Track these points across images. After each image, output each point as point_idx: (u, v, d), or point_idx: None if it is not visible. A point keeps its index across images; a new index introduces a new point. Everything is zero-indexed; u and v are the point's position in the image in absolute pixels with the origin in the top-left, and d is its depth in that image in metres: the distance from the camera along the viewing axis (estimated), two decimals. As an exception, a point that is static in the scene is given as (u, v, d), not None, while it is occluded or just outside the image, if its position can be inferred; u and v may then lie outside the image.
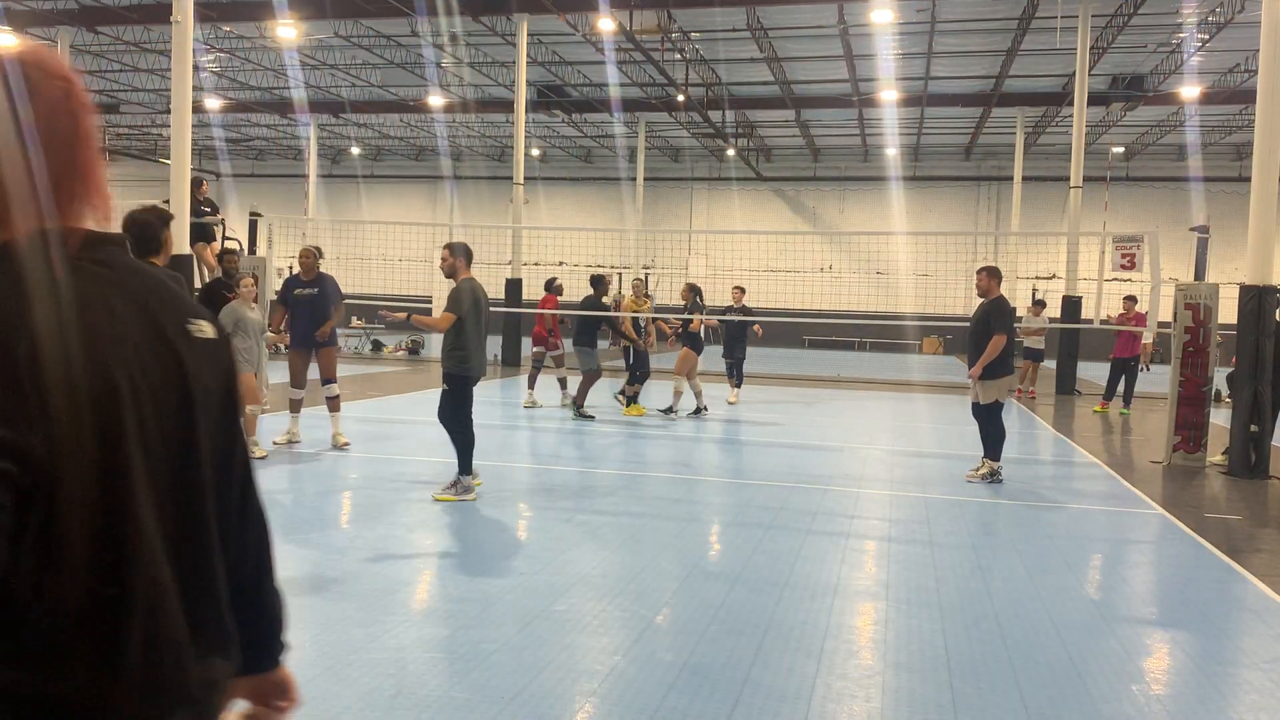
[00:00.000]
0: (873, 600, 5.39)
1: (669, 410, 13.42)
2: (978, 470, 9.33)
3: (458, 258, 7.54)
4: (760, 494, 8.37)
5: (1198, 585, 6.00)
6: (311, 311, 9.64)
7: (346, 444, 9.69)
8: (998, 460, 9.26)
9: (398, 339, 27.39)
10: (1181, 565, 6.51)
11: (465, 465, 7.52)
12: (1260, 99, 10.41)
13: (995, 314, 9.02)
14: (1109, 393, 16.34)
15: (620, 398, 13.58)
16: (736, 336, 15.10)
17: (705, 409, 13.50)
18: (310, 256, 9.84)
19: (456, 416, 7.48)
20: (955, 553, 6.51)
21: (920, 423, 14.33)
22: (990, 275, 9.23)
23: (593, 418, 12.80)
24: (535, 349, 14.48)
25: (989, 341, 8.88)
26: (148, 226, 5.59)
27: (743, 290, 15.42)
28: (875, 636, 4.80)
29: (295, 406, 9.84)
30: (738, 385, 15.59)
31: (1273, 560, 6.70)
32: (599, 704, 3.86)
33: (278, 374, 11.37)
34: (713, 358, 16.40)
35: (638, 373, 13.68)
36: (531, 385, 14.09)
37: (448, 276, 7.63)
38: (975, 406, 9.29)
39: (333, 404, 9.83)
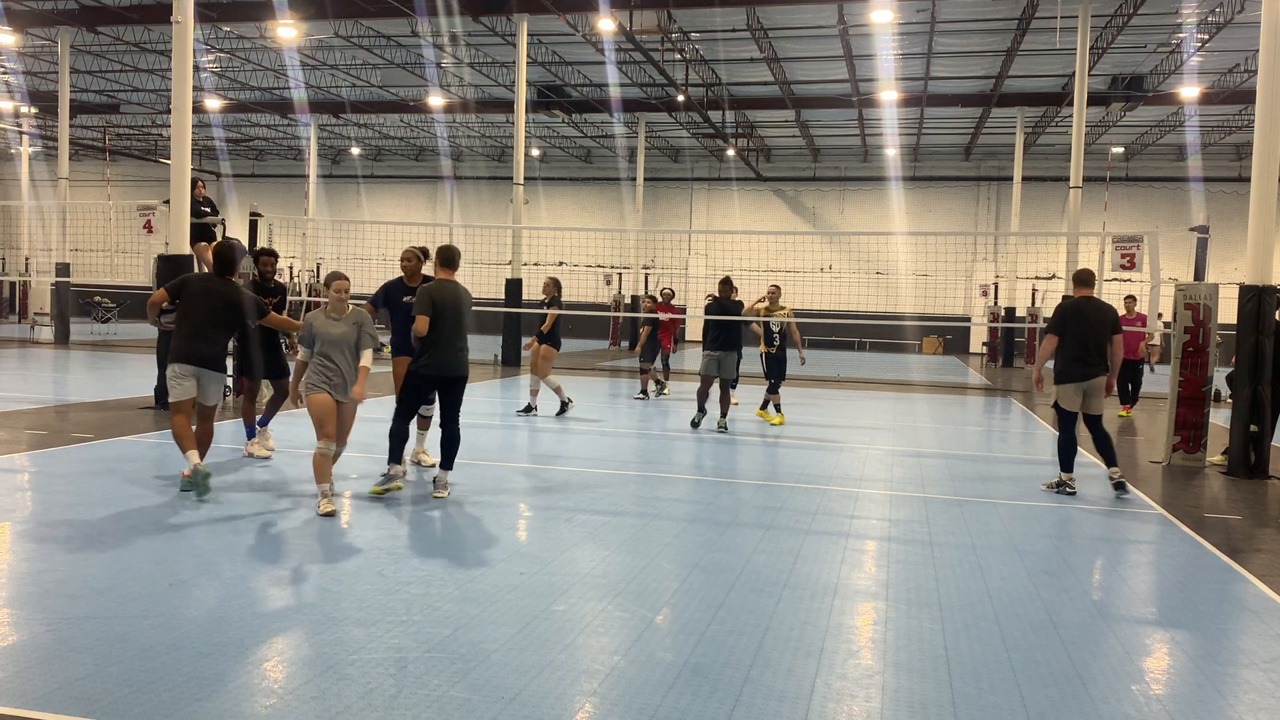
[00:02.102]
0: (873, 600, 5.39)
1: (527, 410, 13.13)
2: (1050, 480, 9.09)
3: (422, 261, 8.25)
4: (760, 494, 8.37)
5: (1198, 585, 6.00)
6: None
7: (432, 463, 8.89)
8: (1063, 470, 8.83)
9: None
10: (1181, 565, 6.52)
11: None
12: (1260, 99, 10.41)
13: (1054, 313, 8.84)
14: (1122, 394, 16.09)
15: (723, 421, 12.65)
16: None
17: (570, 401, 13.30)
18: (414, 260, 8.83)
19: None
20: (955, 553, 6.51)
21: (920, 423, 14.33)
22: (1074, 281, 8.92)
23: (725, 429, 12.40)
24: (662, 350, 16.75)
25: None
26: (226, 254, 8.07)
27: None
28: (875, 636, 4.80)
29: (422, 423, 9.03)
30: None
31: (1273, 560, 6.70)
32: (599, 704, 3.86)
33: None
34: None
35: (774, 381, 13.53)
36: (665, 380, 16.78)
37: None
38: None
39: (423, 421, 9.08)
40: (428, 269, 8.86)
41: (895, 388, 20.76)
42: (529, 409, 13.19)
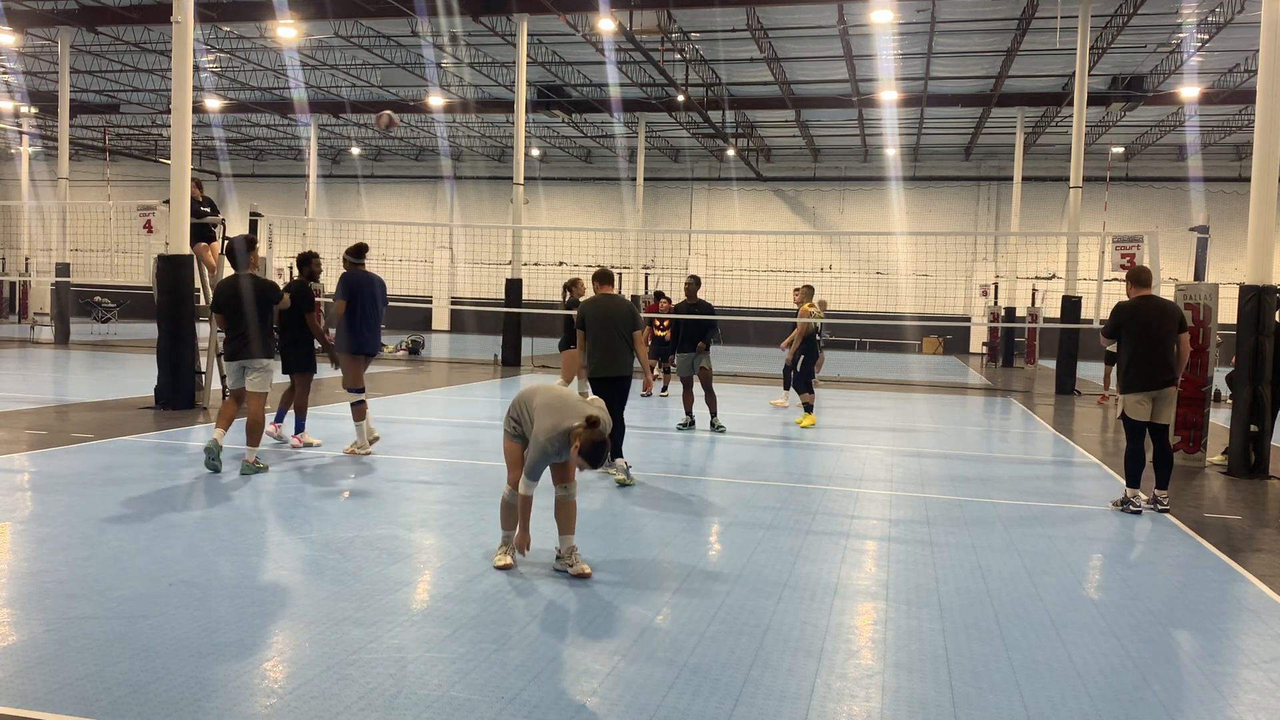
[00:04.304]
0: (873, 600, 5.39)
1: None
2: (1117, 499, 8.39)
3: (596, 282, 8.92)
4: (760, 494, 8.37)
5: (1198, 585, 6.00)
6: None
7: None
8: (1130, 485, 8.18)
9: (398, 339, 27.37)
10: (1181, 565, 6.51)
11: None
12: (1260, 99, 10.41)
13: (1110, 315, 8.31)
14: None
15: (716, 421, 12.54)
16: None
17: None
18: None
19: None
20: (955, 553, 6.51)
21: (920, 423, 14.33)
22: (1130, 280, 8.38)
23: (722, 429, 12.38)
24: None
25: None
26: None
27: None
28: (875, 636, 4.80)
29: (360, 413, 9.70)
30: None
31: (1273, 560, 6.70)
32: (599, 704, 3.86)
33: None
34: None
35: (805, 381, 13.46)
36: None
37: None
38: None
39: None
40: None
41: (895, 388, 20.76)
42: None
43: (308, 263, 10.15)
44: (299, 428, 9.93)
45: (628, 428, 12.60)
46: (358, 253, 9.81)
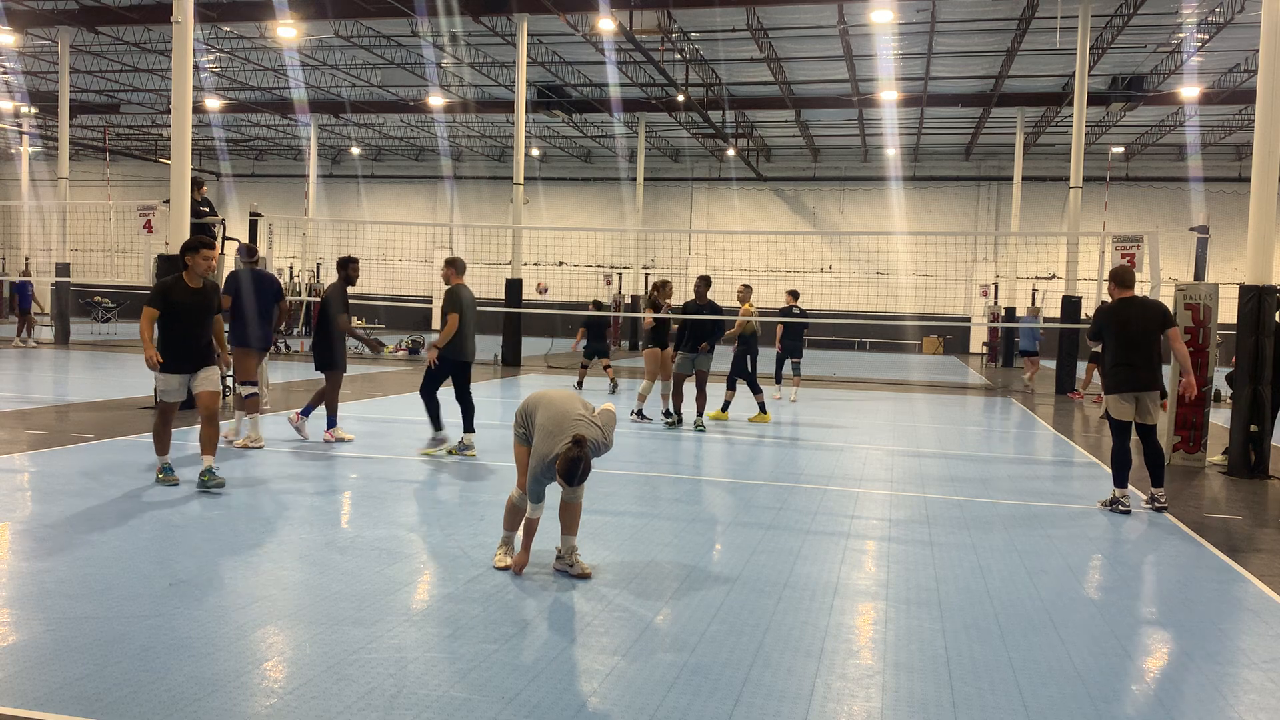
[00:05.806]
0: (873, 600, 5.39)
1: (670, 417, 12.95)
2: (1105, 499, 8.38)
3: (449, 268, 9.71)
4: (760, 494, 8.37)
5: (1198, 585, 6.00)
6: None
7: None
8: (1118, 486, 8.14)
9: (398, 339, 27.36)
10: (1181, 565, 6.51)
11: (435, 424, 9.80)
12: (1260, 99, 10.41)
13: (1094, 317, 8.30)
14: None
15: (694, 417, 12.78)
16: (796, 336, 16.27)
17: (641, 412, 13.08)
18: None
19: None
20: (955, 553, 6.51)
21: (920, 423, 14.33)
22: (1111, 281, 8.30)
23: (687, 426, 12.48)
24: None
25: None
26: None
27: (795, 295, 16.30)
28: (875, 636, 4.80)
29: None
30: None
31: (1273, 560, 6.70)
32: (599, 704, 3.86)
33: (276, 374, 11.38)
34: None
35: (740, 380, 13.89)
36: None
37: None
38: None
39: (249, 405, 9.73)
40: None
41: (895, 388, 20.76)
42: (670, 415, 12.80)
43: (345, 266, 10.34)
44: (330, 424, 10.22)
45: (630, 429, 12.67)
46: (249, 253, 10.79)
